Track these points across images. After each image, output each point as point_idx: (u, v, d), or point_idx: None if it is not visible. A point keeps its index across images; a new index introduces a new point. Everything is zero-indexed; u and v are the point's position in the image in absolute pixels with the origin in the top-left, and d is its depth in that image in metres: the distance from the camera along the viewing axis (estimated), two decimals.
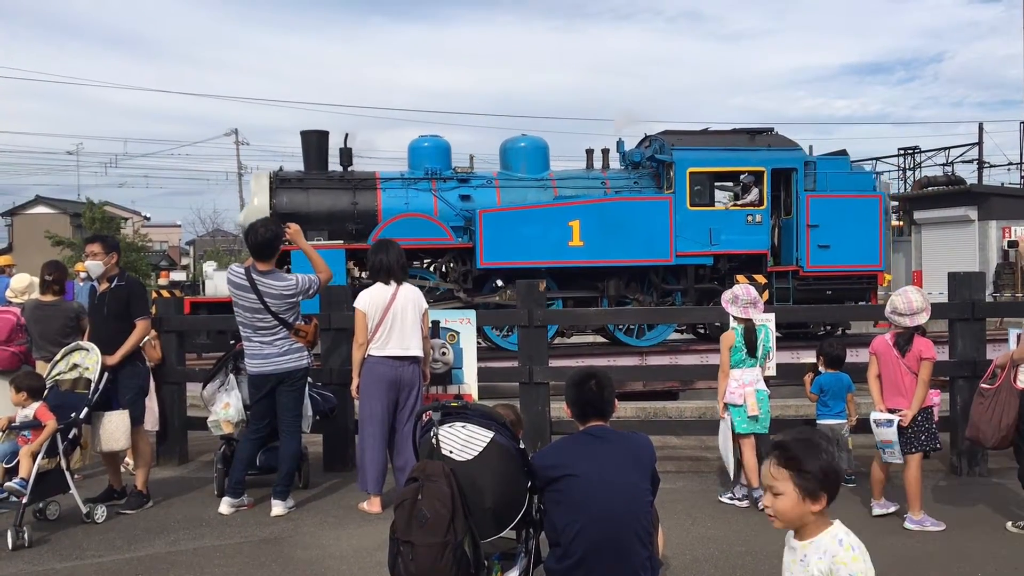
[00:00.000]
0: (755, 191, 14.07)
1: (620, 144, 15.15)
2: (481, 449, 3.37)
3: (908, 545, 5.00)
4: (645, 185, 14.45)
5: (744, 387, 5.83)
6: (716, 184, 14.63)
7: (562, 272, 13.51)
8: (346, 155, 14.03)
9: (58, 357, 5.88)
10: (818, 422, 6.42)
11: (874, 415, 5.48)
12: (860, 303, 14.17)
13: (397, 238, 13.87)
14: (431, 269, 14.11)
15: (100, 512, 5.67)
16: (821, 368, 6.50)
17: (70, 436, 5.56)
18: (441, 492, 3.22)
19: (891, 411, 5.39)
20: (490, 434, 3.40)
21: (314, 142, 14.01)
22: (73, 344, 5.97)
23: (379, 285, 5.87)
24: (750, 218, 13.97)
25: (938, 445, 5.50)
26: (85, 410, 5.66)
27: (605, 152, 15.27)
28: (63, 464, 5.48)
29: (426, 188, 13.83)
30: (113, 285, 6.02)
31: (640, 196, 14.04)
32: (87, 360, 5.79)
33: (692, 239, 13.70)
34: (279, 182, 13.59)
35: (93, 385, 5.71)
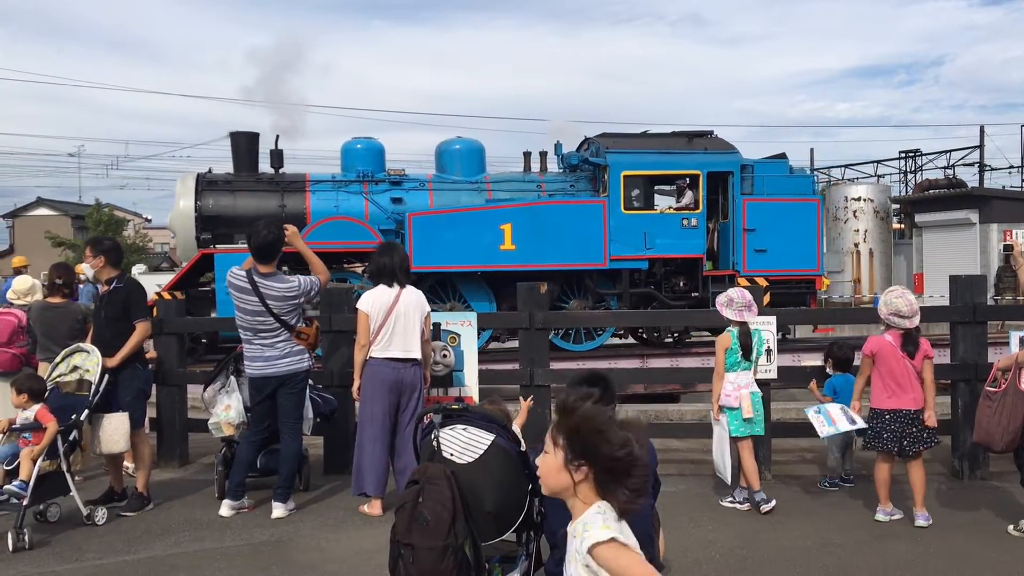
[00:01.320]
0: (690, 194, 13.95)
1: (558, 147, 14.96)
2: (482, 452, 3.37)
3: (909, 548, 4.99)
4: (582, 188, 14.29)
5: (739, 389, 5.83)
6: (653, 188, 14.41)
7: (495, 276, 13.36)
8: (276, 157, 13.80)
9: (58, 359, 5.88)
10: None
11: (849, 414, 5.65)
12: (801, 307, 14.17)
13: (325, 241, 13.54)
14: (362, 272, 13.72)
15: (100, 514, 5.66)
16: (829, 370, 6.48)
17: (70, 438, 5.56)
18: (442, 495, 3.21)
19: (896, 411, 5.42)
20: (491, 437, 3.40)
21: (243, 144, 13.79)
22: (74, 346, 5.96)
23: (382, 287, 5.86)
24: (685, 222, 13.80)
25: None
26: (85, 412, 5.65)
27: (543, 155, 15.10)
28: (64, 466, 5.48)
29: (357, 191, 13.66)
30: (112, 288, 6.02)
31: (573, 199, 13.89)
32: (87, 362, 5.78)
33: (627, 243, 13.53)
34: (205, 184, 13.40)
35: (93, 387, 5.71)
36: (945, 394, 7.11)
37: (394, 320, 5.75)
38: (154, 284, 12.92)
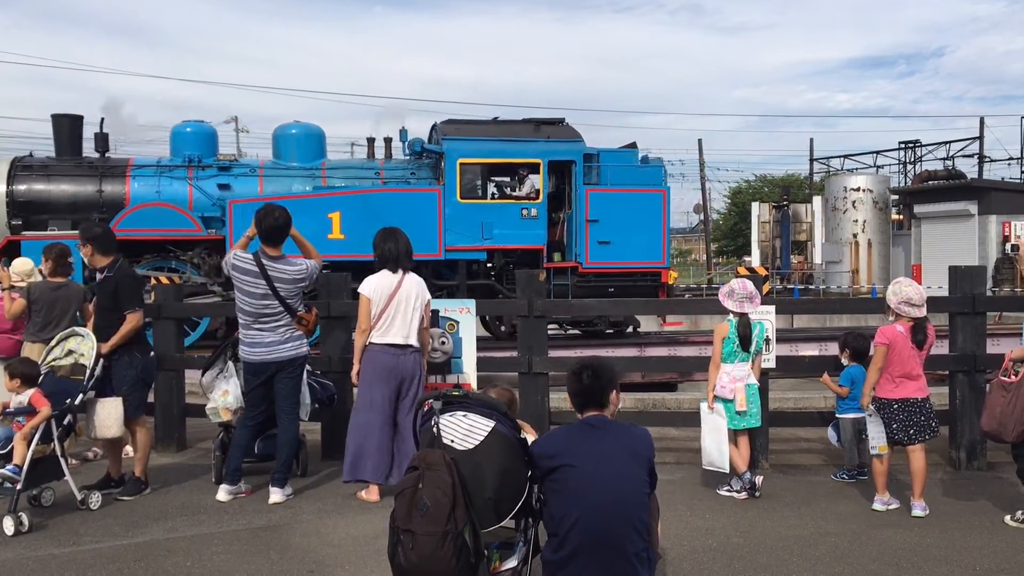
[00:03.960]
0: (531, 184, 13.73)
1: (403, 133, 14.70)
2: (482, 438, 3.35)
3: (906, 538, 5.00)
4: (424, 176, 14.03)
5: (735, 382, 5.82)
6: (492, 177, 14.22)
7: (325, 267, 13.35)
8: (101, 140, 13.54)
9: (53, 343, 5.85)
10: (842, 416, 6.37)
11: (868, 410, 5.56)
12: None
13: (139, 228, 13.20)
14: (194, 261, 13.41)
15: (95, 499, 5.64)
16: (845, 361, 6.46)
17: (65, 422, 5.53)
18: (442, 481, 3.20)
19: (904, 400, 5.41)
20: (491, 423, 3.39)
21: (66, 127, 13.47)
22: (69, 330, 5.94)
23: (385, 272, 5.84)
24: (525, 212, 13.55)
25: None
26: (80, 396, 5.63)
27: (387, 141, 14.92)
28: (58, 450, 5.46)
29: (182, 176, 13.37)
30: (103, 277, 5.98)
31: (405, 187, 13.65)
32: (82, 346, 5.75)
33: (463, 233, 13.31)
34: (20, 169, 13.08)
35: (88, 372, 5.68)
36: (943, 385, 7.12)
37: (395, 306, 5.73)
38: None
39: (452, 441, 3.35)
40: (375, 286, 5.77)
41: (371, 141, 15.04)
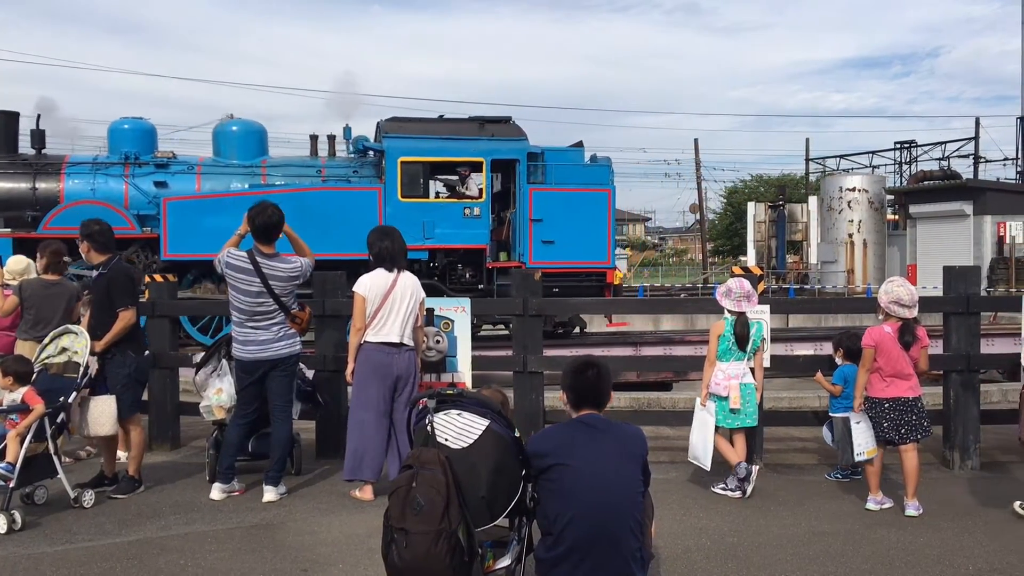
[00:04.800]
0: (476, 182, 13.68)
1: (347, 130, 14.62)
2: (476, 437, 3.35)
3: (899, 537, 5.01)
4: (366, 174, 13.93)
5: (729, 379, 5.82)
6: (436, 175, 14.12)
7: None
8: (37, 137, 13.47)
9: (47, 341, 5.83)
10: (835, 415, 6.38)
11: (855, 416, 5.55)
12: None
13: (71, 226, 13.32)
14: (130, 260, 13.10)
15: (88, 497, 5.63)
16: (839, 360, 6.48)
17: (58, 420, 5.52)
18: (436, 480, 3.20)
19: (895, 399, 5.41)
20: (485, 422, 3.39)
21: (0, 124, 13.40)
22: (62, 327, 5.92)
23: (381, 271, 5.83)
24: (467, 211, 13.50)
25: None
26: (74, 394, 5.61)
27: (331, 138, 14.81)
28: (51, 448, 5.44)
29: (118, 173, 13.28)
30: (97, 274, 5.96)
31: (345, 186, 13.57)
32: (76, 344, 5.73)
33: (404, 232, 13.26)
34: None
35: (81, 369, 5.66)
36: (937, 385, 7.14)
37: (390, 304, 5.73)
38: None
39: (446, 440, 3.35)
40: (370, 284, 5.76)
41: (314, 139, 14.93)
